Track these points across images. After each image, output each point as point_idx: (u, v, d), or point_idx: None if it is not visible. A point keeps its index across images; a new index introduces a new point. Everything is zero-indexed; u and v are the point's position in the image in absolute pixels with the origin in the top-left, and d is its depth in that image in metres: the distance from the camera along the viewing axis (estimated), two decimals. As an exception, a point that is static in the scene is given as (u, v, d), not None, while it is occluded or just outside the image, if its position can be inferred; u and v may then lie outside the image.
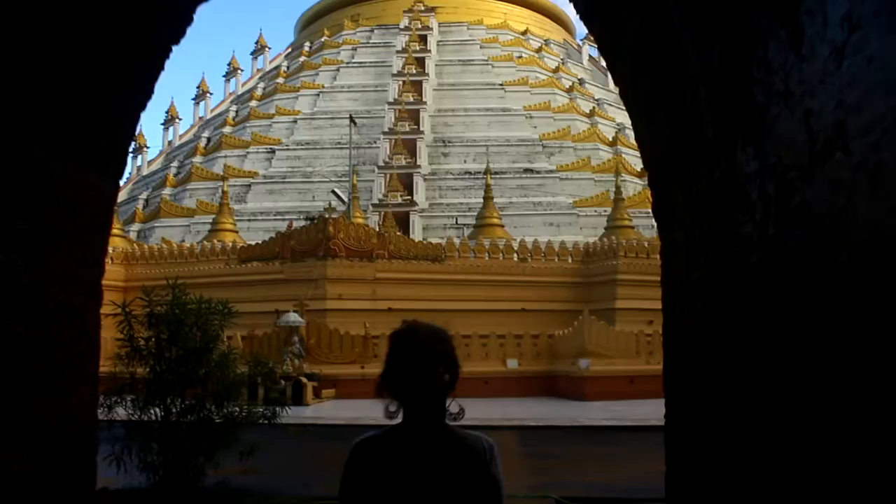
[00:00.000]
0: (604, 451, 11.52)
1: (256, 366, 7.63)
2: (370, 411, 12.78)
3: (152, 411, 6.96)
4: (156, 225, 32.49)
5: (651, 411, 16.68)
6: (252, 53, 47.83)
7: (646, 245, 23.37)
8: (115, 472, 6.58)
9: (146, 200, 35.93)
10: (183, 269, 23.47)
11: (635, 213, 28.47)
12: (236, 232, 27.77)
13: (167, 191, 34.94)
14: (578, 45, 48.19)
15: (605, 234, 25.53)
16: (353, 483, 1.99)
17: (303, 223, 25.34)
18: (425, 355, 2.01)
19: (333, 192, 28.99)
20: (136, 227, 33.02)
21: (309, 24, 49.73)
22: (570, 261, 24.50)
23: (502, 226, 27.55)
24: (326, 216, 23.55)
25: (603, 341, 19.52)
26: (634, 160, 34.49)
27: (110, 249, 25.63)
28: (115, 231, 27.87)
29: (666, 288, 2.05)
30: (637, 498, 7.53)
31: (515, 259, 24.37)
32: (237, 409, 7.23)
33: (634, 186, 31.91)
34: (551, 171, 33.02)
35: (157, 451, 6.80)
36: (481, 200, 28.62)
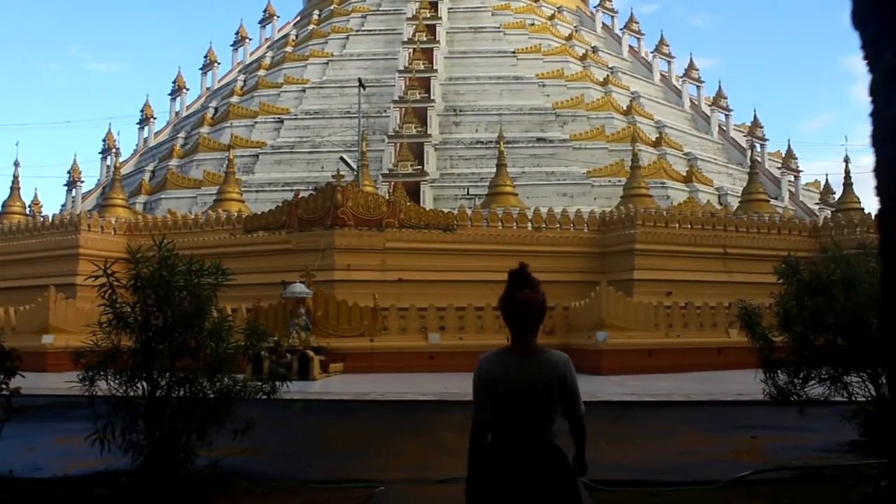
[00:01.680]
0: (625, 429, 10.92)
1: (253, 335, 6.97)
2: (380, 386, 12.19)
3: (138, 385, 6.35)
4: (162, 196, 31.99)
5: (671, 386, 16.18)
6: (260, 22, 46.76)
7: (664, 214, 22.68)
8: (99, 453, 6.01)
9: (153, 172, 35.34)
10: (187, 240, 22.86)
11: (650, 184, 27.79)
12: (242, 202, 27.21)
13: (174, 162, 34.36)
14: (591, 13, 47.00)
15: (622, 203, 24.87)
16: (482, 380, 3.33)
17: (311, 194, 24.73)
18: (537, 291, 3.43)
19: (342, 158, 28.34)
20: (142, 198, 32.57)
21: (318, -10, 48.62)
22: (586, 230, 23.84)
23: (516, 194, 26.89)
24: (335, 184, 22.91)
25: (620, 313, 18.89)
26: (649, 129, 33.76)
27: (112, 220, 25.27)
28: (118, 202, 27.99)
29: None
30: (667, 481, 6.92)
31: (530, 228, 23.70)
32: (232, 382, 6.60)
33: (649, 156, 31.15)
34: (564, 141, 32.26)
35: (143, 429, 6.21)
36: (493, 170, 28.00)
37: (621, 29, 44.00)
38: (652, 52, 42.58)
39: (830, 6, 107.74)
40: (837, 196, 30.73)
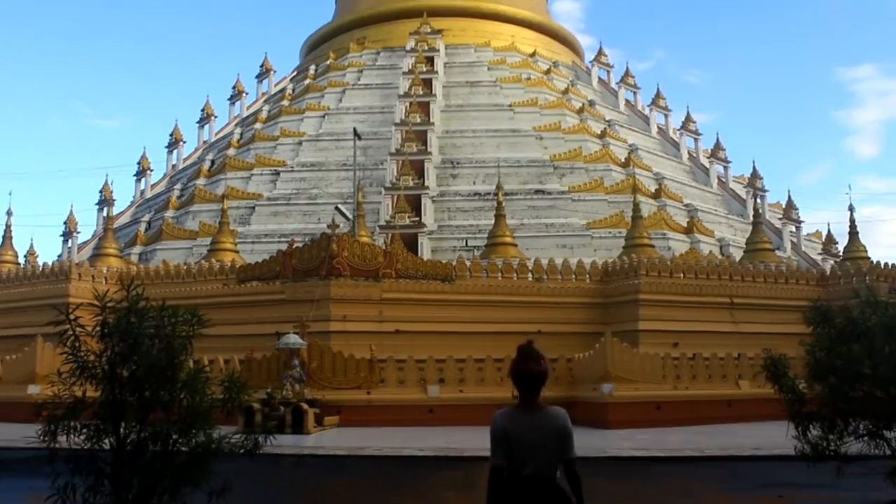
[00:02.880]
0: (638, 489, 10.19)
1: (233, 388, 6.33)
2: (377, 440, 11.39)
3: (105, 441, 5.69)
4: (157, 247, 31.61)
5: (682, 440, 15.43)
6: (257, 77, 46.99)
7: (668, 263, 22.18)
8: (60, 516, 5.33)
9: (148, 223, 35.08)
10: (180, 290, 22.52)
11: (652, 235, 27.42)
12: (236, 252, 26.74)
13: (170, 213, 34.06)
14: (587, 68, 47.31)
15: (624, 253, 24.39)
16: (497, 432, 4.16)
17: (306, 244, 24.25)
18: (540, 363, 4.27)
19: (337, 208, 27.96)
20: (137, 249, 32.23)
21: (314, 47, 49.07)
22: (588, 280, 23.31)
23: (515, 245, 26.42)
24: (330, 234, 22.42)
25: (626, 365, 18.23)
26: (648, 181, 33.57)
27: (104, 269, 24.77)
28: (110, 251, 27.50)
29: None
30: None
31: (530, 279, 23.17)
32: (207, 438, 5.92)
33: (649, 207, 30.83)
34: (563, 192, 32.01)
35: (109, 489, 5.52)
36: (491, 222, 27.61)
37: (617, 83, 44.21)
38: (648, 106, 42.68)
39: (822, 60, 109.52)
40: (840, 245, 30.45)
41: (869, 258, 24.75)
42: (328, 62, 44.03)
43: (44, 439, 5.55)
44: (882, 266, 23.23)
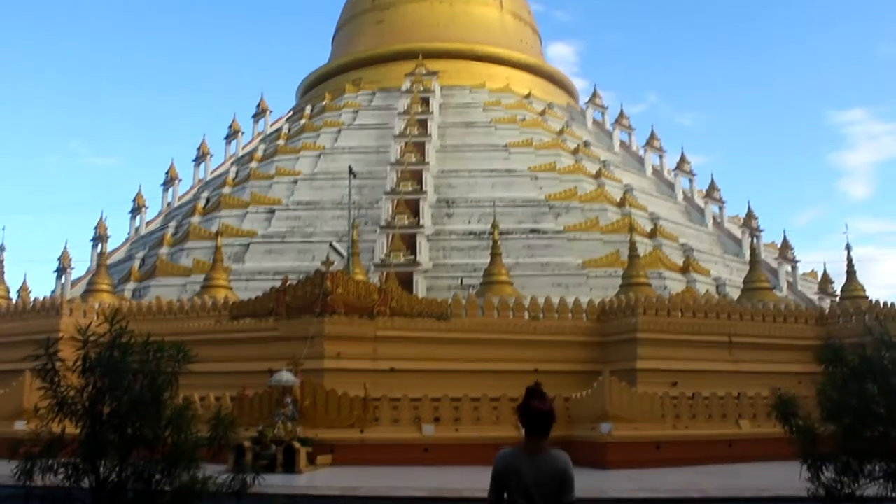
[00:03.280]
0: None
1: (219, 426, 6.10)
2: (371, 480, 11.04)
3: (85, 480, 5.44)
4: (151, 284, 31.42)
5: (684, 480, 15.11)
6: (253, 116, 47.30)
7: (666, 302, 22.04)
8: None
9: (143, 260, 34.97)
10: (172, 326, 22.27)
11: (648, 274, 27.30)
12: (230, 288, 26.56)
13: (164, 250, 33.94)
14: (582, 109, 47.74)
15: (621, 292, 24.28)
16: (497, 473, 4.39)
17: (299, 281, 24.06)
18: (548, 404, 4.43)
19: (332, 245, 27.88)
20: (131, 285, 32.02)
21: (311, 88, 49.43)
22: (584, 319, 23.13)
23: (511, 283, 26.27)
24: (324, 271, 22.23)
25: (625, 404, 17.96)
26: (643, 221, 33.60)
27: (95, 305, 24.51)
28: (103, 287, 27.30)
29: None
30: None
31: (526, 317, 22.96)
32: (191, 478, 5.68)
33: (645, 247, 30.78)
34: (559, 232, 31.99)
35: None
36: (487, 261, 27.52)
37: (612, 124, 44.54)
38: (643, 147, 42.94)
39: (814, 104, 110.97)
40: (837, 285, 30.45)
41: (867, 297, 24.69)
42: (324, 102, 44.30)
43: (19, 478, 5.31)
44: (881, 305, 23.17)
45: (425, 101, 39.99)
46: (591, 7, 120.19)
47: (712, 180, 39.80)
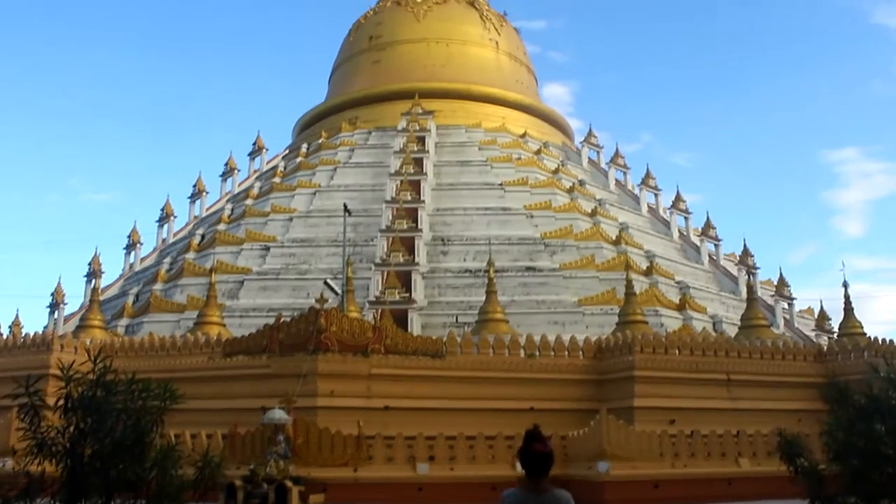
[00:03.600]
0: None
1: (207, 467, 5.90)
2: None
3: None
4: (144, 320, 31.29)
5: (685, 519, 14.88)
6: (249, 154, 47.44)
7: (664, 339, 21.88)
8: None
9: (136, 295, 34.83)
10: (164, 363, 22.09)
11: (644, 312, 27.20)
12: (223, 325, 26.34)
13: (158, 286, 33.82)
14: (577, 149, 47.99)
15: (618, 330, 24.14)
16: None
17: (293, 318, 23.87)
18: (546, 445, 4.67)
19: (326, 283, 27.72)
20: (124, 321, 31.90)
21: (307, 126, 49.72)
22: (581, 357, 22.93)
23: (506, 321, 26.09)
24: (318, 308, 22.06)
25: (623, 442, 17.73)
26: (639, 258, 33.59)
27: (87, 341, 24.24)
28: (95, 323, 27.05)
29: None
30: None
31: (522, 355, 22.76)
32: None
33: (641, 284, 30.73)
34: (554, 270, 31.96)
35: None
36: (482, 298, 27.38)
37: (607, 163, 44.75)
38: (638, 185, 43.14)
39: (807, 143, 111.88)
40: (834, 322, 30.38)
41: (866, 334, 24.58)
42: (320, 141, 44.51)
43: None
44: (880, 342, 23.03)
45: (421, 140, 40.18)
46: (586, 48, 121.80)
47: (708, 218, 39.95)
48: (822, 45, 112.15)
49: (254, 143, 47.58)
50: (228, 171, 45.47)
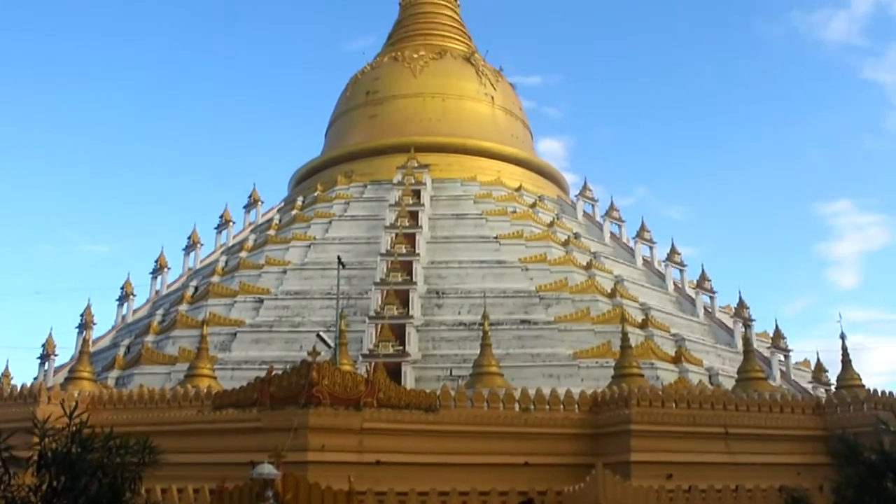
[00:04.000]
0: None
1: None
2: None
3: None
4: (135, 372, 31.09)
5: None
6: (245, 207, 47.58)
7: (660, 392, 21.64)
8: None
9: (128, 347, 34.62)
10: (153, 416, 21.84)
11: (640, 364, 26.94)
12: (214, 377, 26.08)
13: (150, 338, 33.67)
14: (572, 202, 48.25)
15: (614, 383, 23.91)
16: None
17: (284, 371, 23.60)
18: None
19: (319, 335, 27.51)
20: (114, 373, 31.65)
21: (303, 179, 50.03)
22: (576, 410, 22.61)
23: (501, 375, 25.86)
24: (310, 361, 21.80)
25: (619, 498, 17.36)
26: (634, 311, 33.51)
27: (75, 393, 23.91)
28: (84, 374, 26.77)
29: None
30: None
31: (517, 409, 22.45)
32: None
33: (636, 337, 30.62)
34: (549, 323, 31.83)
35: None
36: (476, 352, 27.16)
37: (602, 216, 44.95)
38: (633, 238, 43.22)
39: (800, 196, 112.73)
40: (830, 374, 30.25)
41: (864, 386, 24.32)
42: (316, 194, 44.71)
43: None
44: (879, 394, 22.78)
45: (416, 194, 40.37)
46: (580, 103, 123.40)
47: (703, 271, 39.97)
48: (813, 99, 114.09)
49: (249, 196, 47.82)
50: (223, 224, 45.55)
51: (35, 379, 34.60)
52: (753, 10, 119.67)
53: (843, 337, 26.48)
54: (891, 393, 23.35)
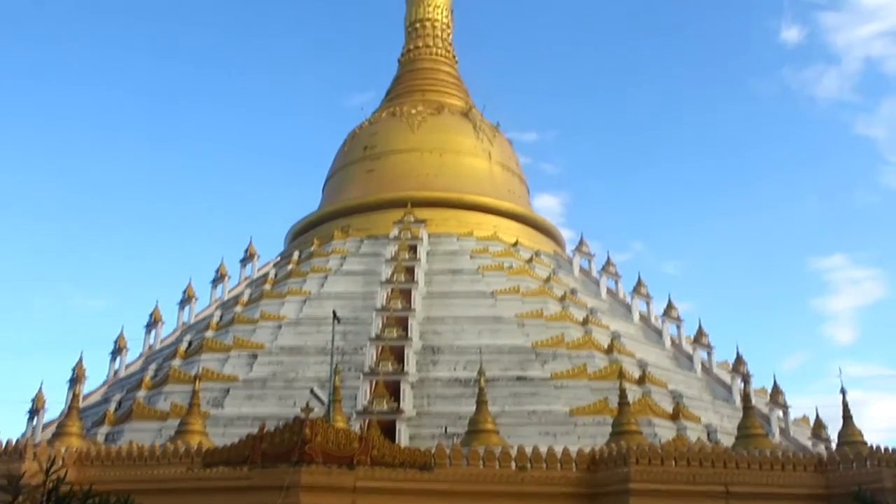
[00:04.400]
0: None
1: None
2: None
3: None
4: (125, 428, 30.62)
5: None
6: (241, 261, 47.40)
7: (659, 450, 21.27)
8: None
9: (119, 402, 34.13)
10: (142, 473, 21.47)
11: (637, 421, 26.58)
12: (205, 434, 25.58)
13: (141, 393, 33.24)
14: (569, 257, 48.29)
15: (612, 440, 23.51)
16: None
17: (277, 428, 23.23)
18: None
19: (312, 391, 27.20)
20: (104, 429, 31.18)
21: (300, 234, 50.13)
22: (574, 469, 22.18)
23: (497, 432, 25.47)
24: (303, 417, 21.46)
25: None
26: (631, 367, 33.26)
27: (62, 449, 23.46)
28: (72, 430, 26.30)
29: None
30: None
31: (513, 467, 22.05)
32: None
33: (634, 393, 30.25)
34: (545, 379, 31.56)
35: None
36: (472, 409, 26.81)
37: (599, 271, 44.86)
38: (630, 293, 43.12)
39: (795, 251, 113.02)
40: (830, 430, 29.86)
41: (867, 443, 23.92)
42: (312, 248, 44.73)
43: None
44: (883, 450, 22.36)
45: (413, 249, 40.39)
46: (576, 159, 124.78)
47: (700, 326, 39.70)
48: (807, 154, 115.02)
49: (245, 250, 47.70)
50: (219, 278, 45.44)
51: (23, 435, 34.06)
52: (747, 66, 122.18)
53: (843, 392, 26.19)
54: (895, 449, 22.97)
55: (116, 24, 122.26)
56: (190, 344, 37.13)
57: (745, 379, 35.50)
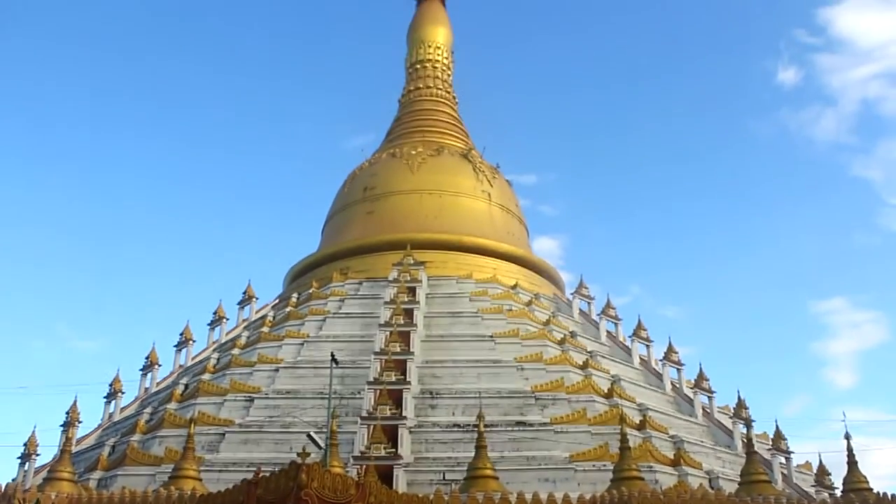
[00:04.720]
0: None
1: None
2: None
3: None
4: (119, 473, 30.02)
5: None
6: (239, 303, 47.23)
7: (661, 497, 20.93)
8: None
9: (113, 447, 33.71)
10: (132, 521, 20.91)
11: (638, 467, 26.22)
12: (199, 479, 25.20)
13: (136, 437, 32.79)
14: (568, 300, 48.10)
15: (613, 486, 23.17)
16: None
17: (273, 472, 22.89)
18: None
19: (309, 436, 26.82)
20: (97, 474, 30.58)
21: (298, 276, 50.05)
22: (574, 516, 21.84)
23: (496, 478, 25.11)
24: (299, 462, 21.16)
25: None
26: (631, 412, 32.93)
27: (52, 495, 23.14)
28: (64, 475, 25.94)
29: None
30: None
31: (512, 514, 21.70)
32: None
33: (634, 439, 29.89)
34: (545, 424, 31.17)
35: None
36: (470, 454, 26.48)
37: (598, 315, 44.65)
38: (630, 337, 42.88)
39: (794, 293, 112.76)
40: (834, 476, 29.36)
41: (873, 489, 23.53)
42: (311, 290, 44.58)
43: None
44: (890, 498, 21.99)
45: (412, 291, 40.26)
46: (576, 202, 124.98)
47: (700, 370, 39.42)
48: (805, 196, 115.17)
49: (244, 292, 47.56)
50: (217, 320, 45.20)
51: (14, 479, 33.57)
52: (744, 108, 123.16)
53: (847, 437, 25.78)
54: (902, 496, 22.61)
55: (115, 67, 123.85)
56: (186, 387, 36.78)
57: (748, 424, 35.09)
